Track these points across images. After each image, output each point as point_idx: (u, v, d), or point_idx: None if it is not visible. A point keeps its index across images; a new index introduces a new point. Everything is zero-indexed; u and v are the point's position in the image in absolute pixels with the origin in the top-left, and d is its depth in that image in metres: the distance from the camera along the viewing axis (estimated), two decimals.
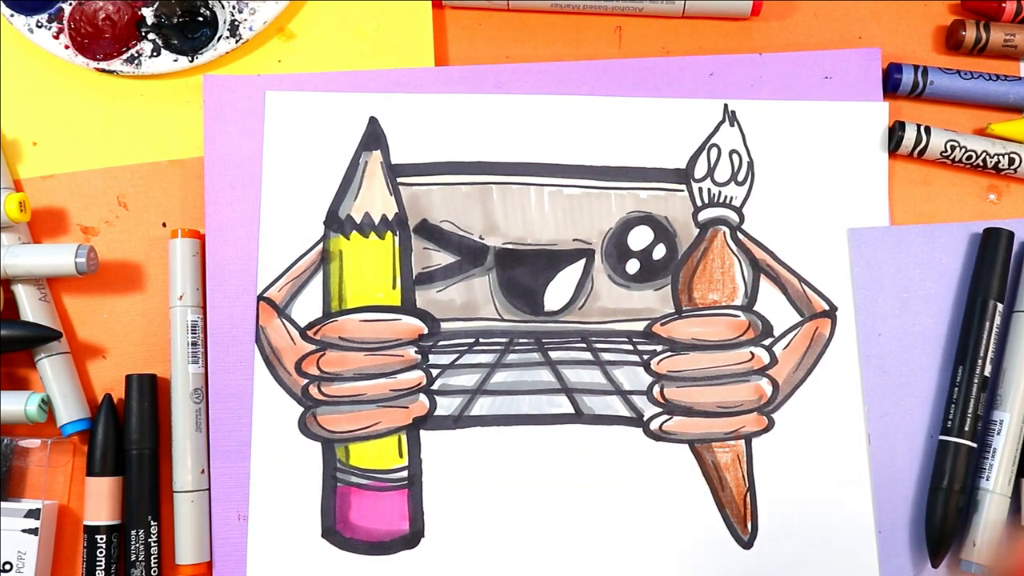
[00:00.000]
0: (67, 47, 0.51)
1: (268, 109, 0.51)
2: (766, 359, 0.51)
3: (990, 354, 0.50)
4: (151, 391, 0.50)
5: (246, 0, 0.52)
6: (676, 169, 0.51)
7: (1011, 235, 0.51)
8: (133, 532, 0.49)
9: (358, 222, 0.51)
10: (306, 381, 0.50)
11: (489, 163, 0.51)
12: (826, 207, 0.52)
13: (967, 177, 0.53)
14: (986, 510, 0.49)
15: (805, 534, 0.50)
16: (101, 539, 0.48)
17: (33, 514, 0.48)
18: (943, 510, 0.49)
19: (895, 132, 0.52)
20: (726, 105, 0.52)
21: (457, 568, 0.49)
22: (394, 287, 0.51)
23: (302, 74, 0.51)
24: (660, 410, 0.50)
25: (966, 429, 0.49)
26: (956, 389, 0.50)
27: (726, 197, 0.51)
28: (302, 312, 0.50)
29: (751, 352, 0.51)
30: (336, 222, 0.51)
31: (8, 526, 0.48)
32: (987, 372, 0.50)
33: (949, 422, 0.50)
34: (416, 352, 0.50)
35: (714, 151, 0.51)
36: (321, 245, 0.50)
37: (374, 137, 0.51)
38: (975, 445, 0.50)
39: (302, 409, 0.50)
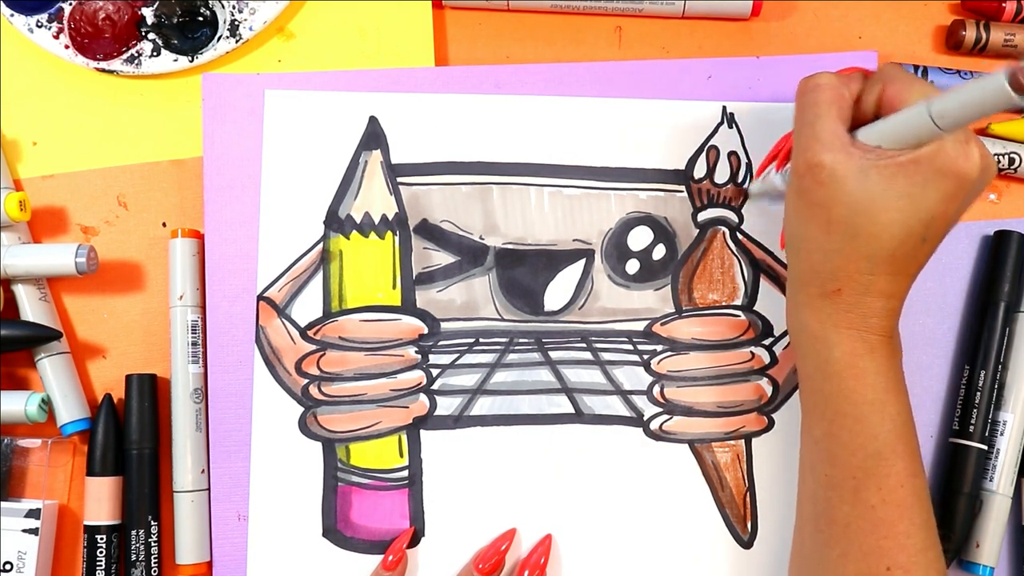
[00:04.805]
0: (67, 47, 0.51)
1: (267, 108, 0.51)
2: (766, 359, 0.51)
3: (1001, 358, 0.50)
4: (151, 391, 0.50)
5: (246, 0, 0.52)
6: (675, 170, 0.51)
7: (1022, 237, 0.50)
8: (133, 532, 0.49)
9: (358, 222, 0.51)
10: (306, 381, 0.50)
11: (489, 163, 0.51)
12: None
13: None
14: (989, 511, 0.49)
15: None
16: (101, 539, 0.48)
17: (33, 514, 0.48)
18: (955, 514, 0.49)
19: None
20: (724, 107, 0.52)
21: (457, 567, 0.49)
22: (394, 287, 0.51)
23: (302, 73, 0.51)
24: (660, 410, 0.50)
25: (976, 432, 0.49)
26: (966, 392, 0.50)
27: (725, 198, 0.51)
28: (302, 312, 0.50)
29: (751, 352, 0.51)
30: (336, 222, 0.51)
31: (8, 526, 0.48)
32: (998, 375, 0.50)
33: (959, 424, 0.50)
34: (416, 352, 0.50)
35: (713, 152, 0.51)
36: (321, 245, 0.50)
37: (374, 137, 0.51)
38: (985, 447, 0.49)
39: (302, 409, 0.50)
